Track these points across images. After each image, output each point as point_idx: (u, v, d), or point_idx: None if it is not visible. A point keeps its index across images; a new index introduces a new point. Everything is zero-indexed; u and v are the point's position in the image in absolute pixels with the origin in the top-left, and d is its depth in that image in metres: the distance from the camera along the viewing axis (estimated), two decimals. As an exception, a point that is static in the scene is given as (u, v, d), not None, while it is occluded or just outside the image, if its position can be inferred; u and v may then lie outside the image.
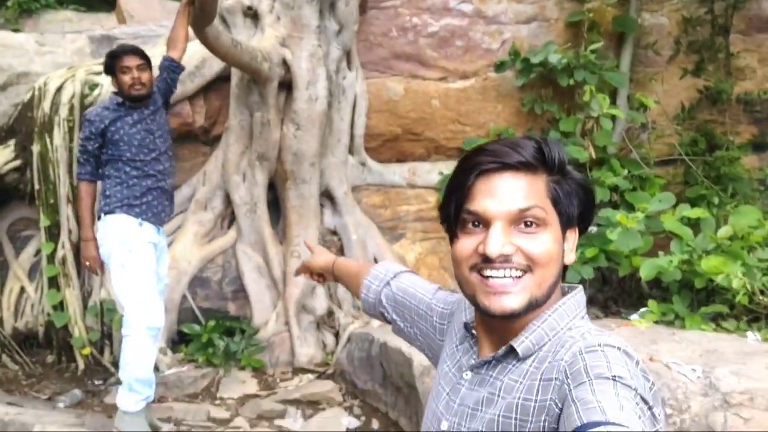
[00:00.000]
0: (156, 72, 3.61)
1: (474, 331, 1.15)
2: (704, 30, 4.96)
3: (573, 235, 1.09)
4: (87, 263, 3.46)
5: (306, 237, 4.47)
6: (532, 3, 4.88)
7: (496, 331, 1.10)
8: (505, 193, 1.02)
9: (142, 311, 3.28)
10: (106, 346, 4.45)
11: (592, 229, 4.31)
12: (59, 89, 4.21)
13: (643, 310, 4.09)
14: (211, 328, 4.30)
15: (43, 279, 4.33)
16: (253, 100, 4.41)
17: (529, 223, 1.02)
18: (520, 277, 1.02)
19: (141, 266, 3.31)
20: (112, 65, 3.41)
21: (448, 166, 4.88)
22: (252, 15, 4.41)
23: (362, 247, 4.69)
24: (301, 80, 4.31)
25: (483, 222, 1.03)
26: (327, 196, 4.66)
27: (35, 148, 4.21)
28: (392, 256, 4.79)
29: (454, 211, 1.06)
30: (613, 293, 4.73)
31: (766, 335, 3.60)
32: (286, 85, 4.37)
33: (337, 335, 4.54)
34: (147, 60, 3.46)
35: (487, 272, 1.03)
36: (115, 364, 4.35)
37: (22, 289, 4.41)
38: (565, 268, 1.09)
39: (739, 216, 4.08)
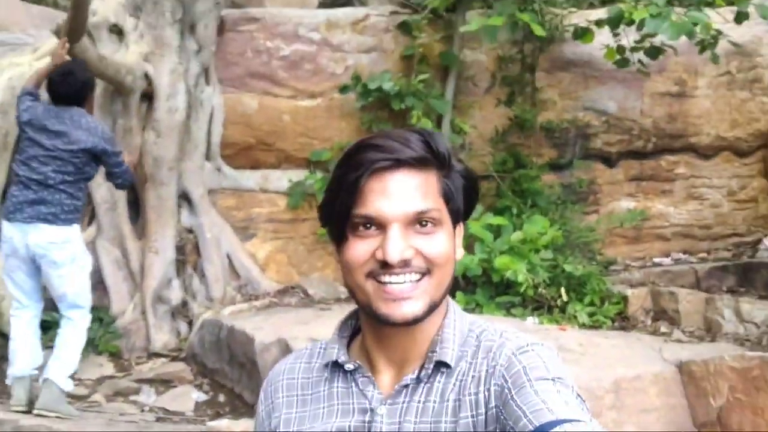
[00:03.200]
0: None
1: (350, 366, 1.05)
2: (515, 67, 5.88)
3: (460, 230, 1.06)
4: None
5: (164, 234, 4.93)
6: (372, 35, 5.62)
7: (396, 349, 1.03)
8: (400, 194, 0.98)
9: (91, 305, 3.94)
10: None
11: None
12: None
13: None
14: (70, 316, 4.65)
15: None
16: (117, 109, 4.83)
17: (424, 223, 0.99)
18: (419, 280, 0.99)
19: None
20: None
21: (297, 174, 5.49)
22: (117, 32, 4.83)
23: (216, 244, 5.20)
24: (162, 93, 4.78)
25: (377, 224, 0.98)
26: (184, 198, 5.13)
27: None
28: (244, 254, 5.35)
29: (344, 213, 0.99)
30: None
31: (543, 320, 4.51)
32: (148, 96, 4.82)
33: (190, 323, 5.02)
34: None
35: (386, 278, 0.98)
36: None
37: None
38: None
39: (530, 224, 5.00)
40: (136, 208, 5.06)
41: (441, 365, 1.00)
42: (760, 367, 3.25)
